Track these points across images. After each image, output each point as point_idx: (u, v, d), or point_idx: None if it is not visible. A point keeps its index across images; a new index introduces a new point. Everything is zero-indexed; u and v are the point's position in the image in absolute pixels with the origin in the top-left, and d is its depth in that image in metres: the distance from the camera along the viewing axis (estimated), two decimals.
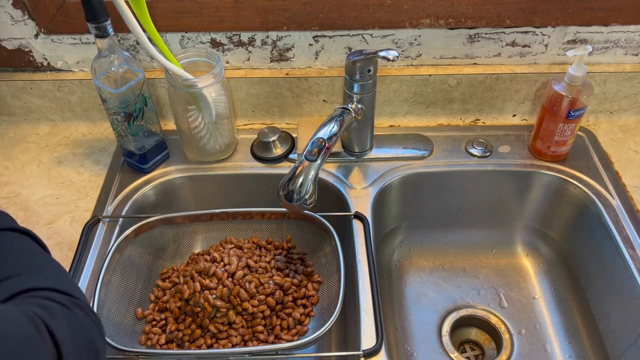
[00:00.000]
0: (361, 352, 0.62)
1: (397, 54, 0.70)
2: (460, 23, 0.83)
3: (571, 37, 0.85)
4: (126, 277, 0.71)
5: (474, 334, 0.88)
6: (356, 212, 0.78)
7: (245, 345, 0.68)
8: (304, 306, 0.71)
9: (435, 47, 0.86)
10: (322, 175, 0.84)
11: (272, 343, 0.68)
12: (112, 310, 0.67)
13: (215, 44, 0.85)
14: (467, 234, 0.95)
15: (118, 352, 0.61)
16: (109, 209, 0.79)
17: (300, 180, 0.65)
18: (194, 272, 0.72)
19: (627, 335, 0.74)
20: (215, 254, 0.73)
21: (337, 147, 0.86)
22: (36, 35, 0.85)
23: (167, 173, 0.85)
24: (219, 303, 0.67)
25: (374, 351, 0.63)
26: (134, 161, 0.83)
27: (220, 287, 0.68)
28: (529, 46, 0.86)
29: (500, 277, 0.92)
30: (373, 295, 0.68)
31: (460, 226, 0.94)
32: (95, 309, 0.63)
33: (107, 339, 0.60)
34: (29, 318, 0.38)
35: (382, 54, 0.71)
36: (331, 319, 0.61)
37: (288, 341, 0.68)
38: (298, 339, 0.67)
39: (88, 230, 0.76)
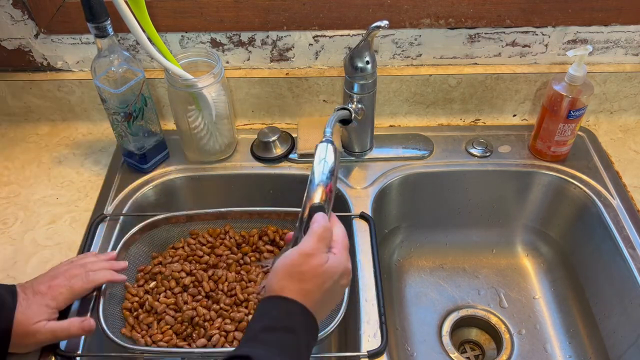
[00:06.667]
0: (366, 353, 0.62)
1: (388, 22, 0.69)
2: (460, 23, 0.83)
3: (571, 37, 0.85)
4: (129, 275, 0.71)
5: (474, 334, 0.88)
6: (362, 212, 0.78)
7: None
8: None
9: (436, 47, 0.86)
10: None
11: None
12: (116, 310, 0.67)
13: (215, 44, 0.85)
14: (467, 234, 0.95)
15: (123, 350, 0.61)
16: (109, 209, 0.79)
17: None
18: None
19: (627, 335, 0.74)
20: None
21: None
22: (36, 35, 0.85)
23: (167, 173, 0.85)
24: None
25: (379, 352, 0.63)
26: (134, 161, 0.83)
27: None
28: (529, 46, 0.86)
29: (500, 277, 0.92)
30: (377, 296, 0.68)
31: (460, 226, 0.94)
32: (100, 308, 0.63)
33: (113, 337, 0.61)
34: None
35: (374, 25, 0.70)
36: (335, 320, 0.61)
37: None
38: None
39: (94, 229, 0.75)
